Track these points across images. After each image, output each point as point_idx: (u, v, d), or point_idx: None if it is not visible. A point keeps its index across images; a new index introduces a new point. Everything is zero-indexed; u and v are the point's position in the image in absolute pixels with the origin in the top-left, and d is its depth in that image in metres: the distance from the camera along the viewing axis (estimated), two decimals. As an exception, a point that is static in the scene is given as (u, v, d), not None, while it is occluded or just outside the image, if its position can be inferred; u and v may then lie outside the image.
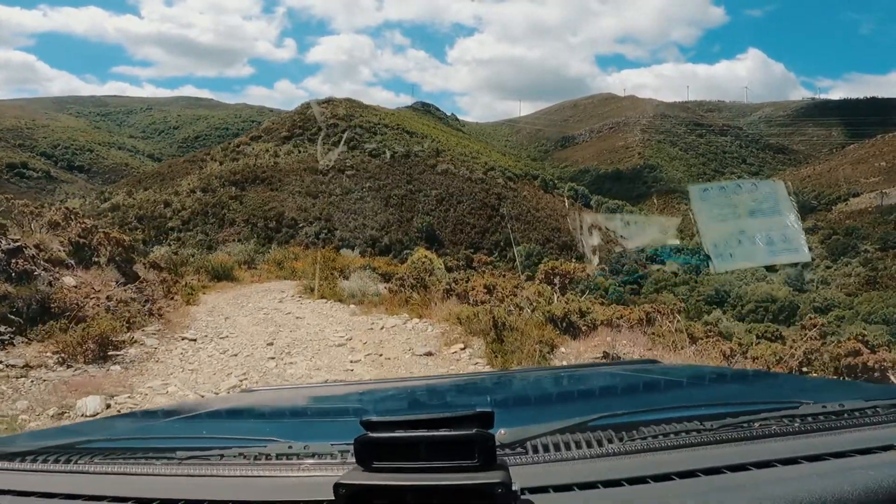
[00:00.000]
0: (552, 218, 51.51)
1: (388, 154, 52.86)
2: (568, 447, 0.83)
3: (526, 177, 64.39)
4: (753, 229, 2.40)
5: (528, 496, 0.69)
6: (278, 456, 0.89)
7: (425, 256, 9.27)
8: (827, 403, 0.95)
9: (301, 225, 42.89)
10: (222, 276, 12.58)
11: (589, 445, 0.83)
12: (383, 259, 14.63)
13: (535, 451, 0.82)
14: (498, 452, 0.68)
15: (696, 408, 1.06)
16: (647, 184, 74.21)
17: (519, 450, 0.82)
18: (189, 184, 47.50)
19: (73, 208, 10.35)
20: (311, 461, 0.86)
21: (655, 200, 66.52)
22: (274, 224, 42.57)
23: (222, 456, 0.91)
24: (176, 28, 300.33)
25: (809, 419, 0.91)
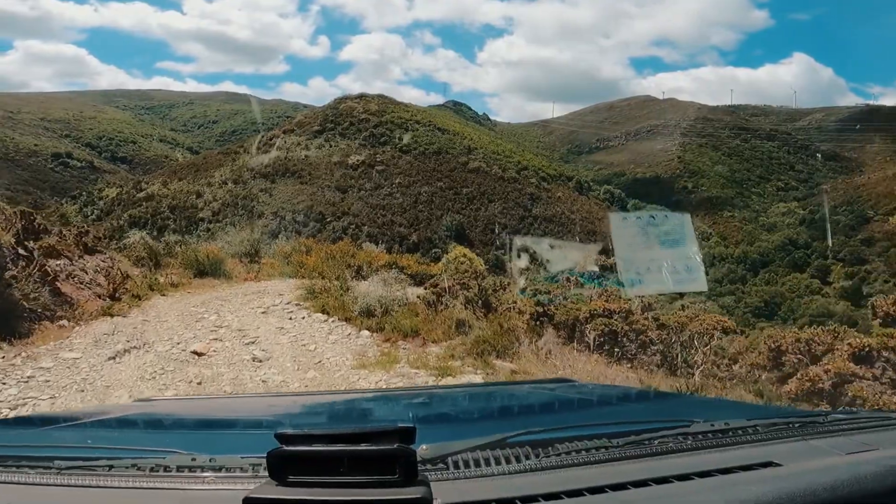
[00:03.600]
0: (587, 221, 49.70)
1: (418, 148, 52.10)
2: (488, 463, 0.84)
3: (560, 178, 62.58)
4: (662, 258, 2.56)
5: None
6: (179, 468, 0.83)
7: (464, 255, 7.44)
8: (715, 422, 1.03)
9: (329, 219, 42.56)
10: (209, 271, 10.02)
11: (508, 461, 0.85)
12: (412, 257, 12.44)
13: (456, 466, 0.82)
14: (419, 468, 0.68)
15: (605, 426, 1.11)
16: (688, 189, 71.26)
17: (440, 465, 0.81)
18: (221, 175, 47.91)
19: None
20: (217, 474, 0.80)
21: (694, 206, 63.72)
22: (302, 218, 42.36)
23: (111, 467, 0.84)
24: (215, 24, 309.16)
25: (700, 437, 0.97)
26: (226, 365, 5.23)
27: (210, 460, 0.84)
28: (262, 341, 5.92)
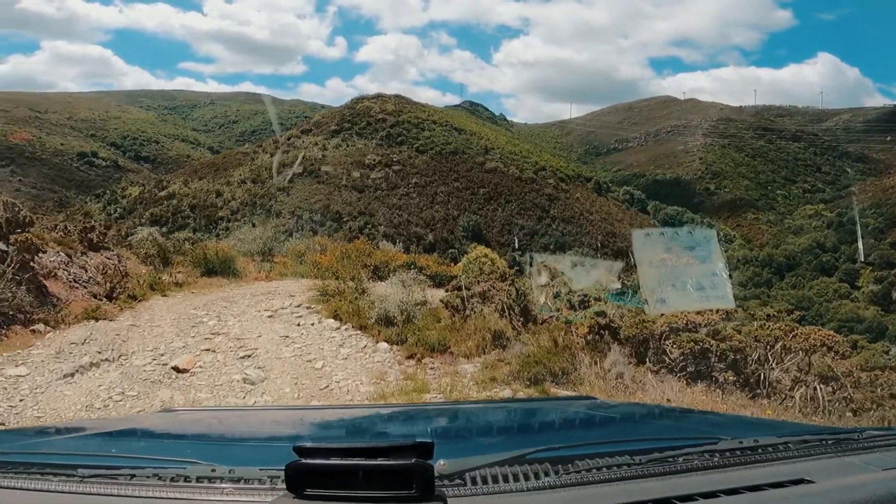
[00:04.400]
0: (606, 222, 48.95)
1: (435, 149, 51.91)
2: (506, 479, 0.82)
3: (578, 179, 61.81)
4: (686, 275, 2.56)
5: None
6: (199, 479, 0.83)
7: (485, 255, 6.96)
8: (743, 439, 1.01)
9: (345, 219, 42.64)
10: (218, 270, 9.49)
11: (526, 478, 0.83)
12: (431, 257, 11.78)
13: (474, 482, 0.81)
14: (436, 483, 0.68)
15: (628, 443, 1.09)
16: (710, 191, 69.74)
17: (457, 481, 0.81)
18: (240, 175, 48.41)
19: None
20: (235, 486, 0.80)
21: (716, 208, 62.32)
22: (319, 217, 42.53)
23: (133, 476, 0.84)
24: (235, 25, 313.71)
25: (727, 454, 0.95)
26: (208, 388, 4.46)
27: (229, 472, 0.84)
28: (261, 355, 5.16)
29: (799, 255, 48.97)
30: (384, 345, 5.41)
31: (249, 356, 5.12)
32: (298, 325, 6.10)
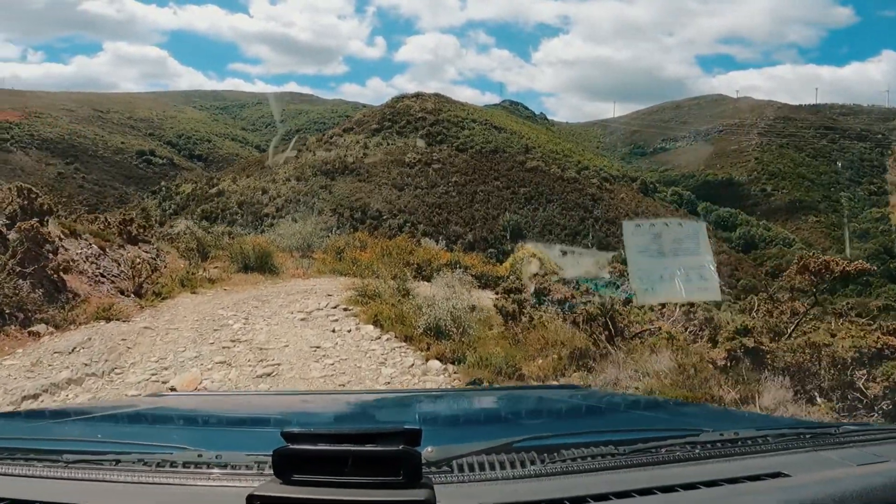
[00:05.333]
0: (652, 224, 47.03)
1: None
2: (493, 467, 0.83)
3: (623, 178, 59.86)
4: (675, 267, 2.58)
5: None
6: (185, 464, 0.83)
7: (532, 255, 6.47)
8: (724, 431, 1.03)
9: (385, 217, 42.95)
10: (255, 265, 9.14)
11: (513, 466, 0.84)
12: (474, 256, 11.10)
13: (461, 470, 0.82)
14: (423, 470, 0.69)
15: (613, 433, 1.10)
16: (766, 192, 66.01)
17: (445, 468, 0.81)
18: (285, 172, 49.65)
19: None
20: (222, 471, 0.81)
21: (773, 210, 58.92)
22: (359, 215, 43.02)
23: (118, 461, 0.85)
24: (280, 27, 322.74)
25: (709, 446, 0.97)
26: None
27: (216, 457, 0.84)
28: (283, 373, 4.45)
29: (865, 261, 45.49)
30: (436, 363, 4.56)
31: (270, 374, 4.48)
32: (333, 331, 5.52)
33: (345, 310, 6.23)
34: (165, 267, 8.35)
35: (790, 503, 0.76)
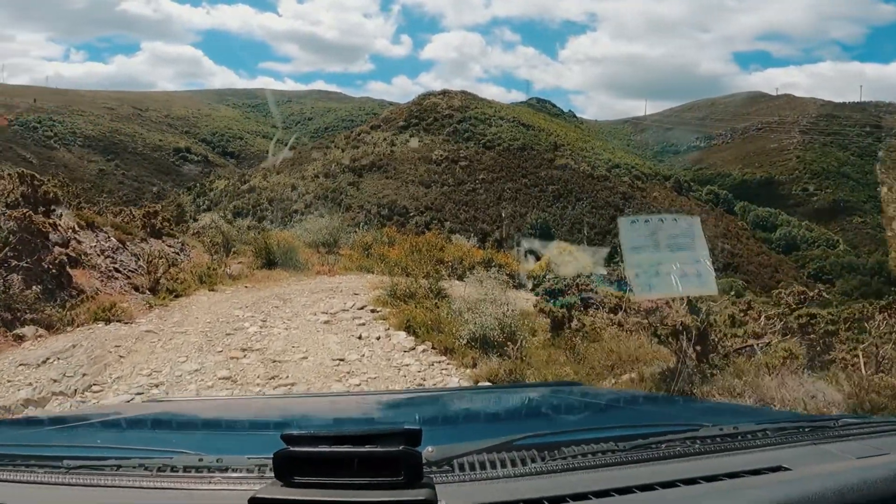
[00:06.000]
0: (687, 223, 45.62)
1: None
2: (493, 466, 0.84)
3: (656, 177, 58.26)
4: (671, 261, 2.58)
5: None
6: (186, 468, 0.84)
7: (569, 252, 6.12)
8: (724, 426, 1.03)
9: (412, 214, 42.93)
10: (279, 261, 8.83)
11: (513, 464, 0.84)
12: (508, 254, 10.68)
13: (462, 469, 0.82)
14: (424, 470, 0.69)
15: (612, 429, 1.10)
16: (808, 191, 63.19)
17: (445, 468, 0.82)
18: (313, 169, 50.22)
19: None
20: (223, 475, 0.81)
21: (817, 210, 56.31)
22: (386, 211, 43.12)
23: (119, 467, 0.85)
24: (307, 25, 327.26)
25: (708, 441, 0.97)
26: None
27: (217, 461, 0.84)
28: (299, 391, 3.92)
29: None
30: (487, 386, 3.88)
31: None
32: (360, 338, 4.94)
33: (372, 311, 5.78)
34: (189, 262, 8.00)
35: (791, 497, 0.76)
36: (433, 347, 4.56)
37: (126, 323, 5.15)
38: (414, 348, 4.63)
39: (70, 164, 60.97)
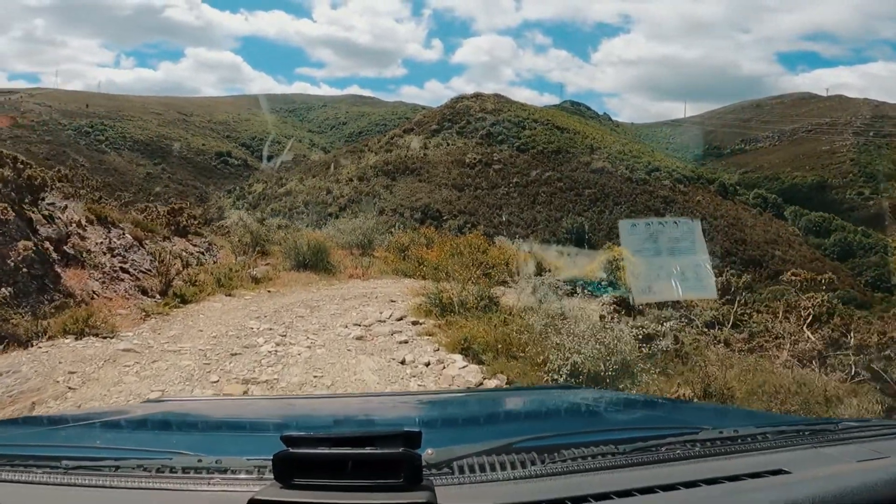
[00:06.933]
0: (735, 227, 43.75)
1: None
2: (493, 468, 0.84)
3: (699, 180, 56.14)
4: (671, 266, 2.56)
5: None
6: (185, 469, 0.83)
7: (621, 256, 5.58)
8: (724, 429, 1.03)
9: (445, 217, 42.76)
10: (310, 263, 8.12)
11: (513, 467, 0.84)
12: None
13: (462, 471, 0.82)
14: (424, 472, 0.69)
15: (612, 432, 1.12)
16: (864, 195, 59.56)
17: (445, 470, 0.82)
18: (348, 173, 50.82)
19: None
20: (222, 476, 0.81)
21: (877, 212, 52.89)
22: (419, 215, 43.10)
23: (117, 468, 0.85)
24: (341, 31, 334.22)
25: (708, 444, 0.98)
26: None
27: (216, 462, 0.84)
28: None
29: None
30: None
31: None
32: (403, 363, 3.83)
33: (414, 323, 4.90)
34: (215, 262, 7.26)
35: (791, 500, 0.75)
36: (509, 383, 3.33)
37: (104, 338, 4.01)
38: (482, 383, 3.43)
39: (120, 167, 63.93)
